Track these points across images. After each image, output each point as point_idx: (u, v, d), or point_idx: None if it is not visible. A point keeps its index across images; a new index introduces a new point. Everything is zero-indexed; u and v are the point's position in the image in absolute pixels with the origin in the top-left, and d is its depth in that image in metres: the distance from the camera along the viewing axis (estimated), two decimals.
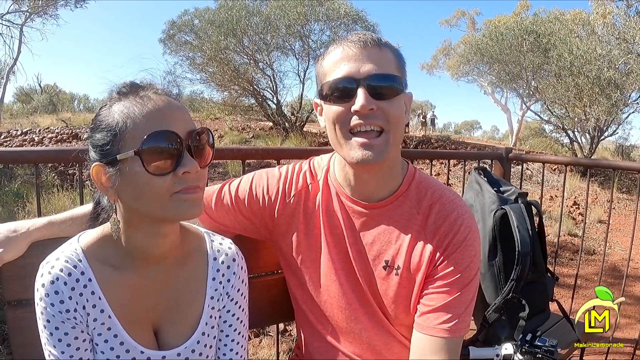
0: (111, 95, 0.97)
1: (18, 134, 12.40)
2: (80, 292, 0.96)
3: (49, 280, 0.94)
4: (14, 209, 5.83)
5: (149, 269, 1.03)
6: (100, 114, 0.96)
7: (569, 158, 5.47)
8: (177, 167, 0.91)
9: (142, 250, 1.01)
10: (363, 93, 1.06)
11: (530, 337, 1.86)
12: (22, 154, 1.63)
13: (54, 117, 18.55)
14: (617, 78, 12.00)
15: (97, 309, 0.98)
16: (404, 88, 1.13)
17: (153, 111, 0.91)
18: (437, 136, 18.28)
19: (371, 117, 1.08)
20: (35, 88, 30.20)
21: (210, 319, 1.11)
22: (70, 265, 0.96)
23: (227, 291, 1.14)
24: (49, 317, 0.95)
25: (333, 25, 14.21)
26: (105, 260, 1.00)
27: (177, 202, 0.92)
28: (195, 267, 1.11)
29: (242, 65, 14.52)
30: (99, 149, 0.94)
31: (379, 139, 1.09)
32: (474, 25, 33.39)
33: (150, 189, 0.91)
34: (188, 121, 0.96)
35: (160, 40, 15.41)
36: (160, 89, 0.97)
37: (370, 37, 1.11)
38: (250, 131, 14.72)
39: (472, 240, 1.18)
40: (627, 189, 11.37)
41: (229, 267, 1.14)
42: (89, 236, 1.03)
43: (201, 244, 1.14)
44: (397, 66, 1.13)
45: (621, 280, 2.96)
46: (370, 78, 1.07)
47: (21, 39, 21.72)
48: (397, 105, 1.10)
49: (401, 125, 1.12)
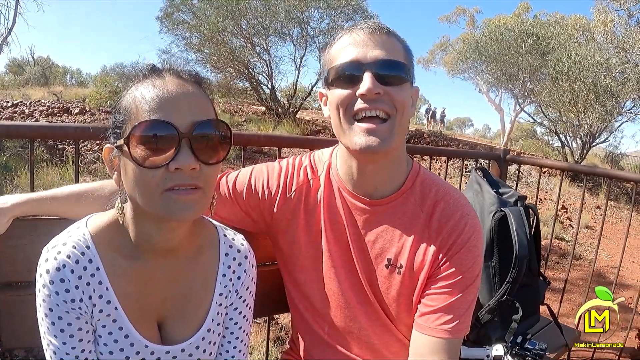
0: (133, 76, 0.91)
1: (8, 105, 12.20)
2: (87, 282, 0.90)
3: (55, 267, 0.87)
4: (2, 182, 5.75)
5: (158, 262, 0.97)
6: (121, 95, 0.91)
7: (566, 164, 5.52)
8: (170, 162, 0.83)
9: (149, 243, 0.94)
10: (370, 77, 1.04)
11: (521, 339, 1.86)
12: (17, 129, 1.58)
13: (45, 90, 18.27)
14: (613, 86, 12.09)
15: (104, 299, 0.92)
16: (410, 78, 1.11)
17: (156, 96, 0.85)
18: (430, 132, 18.29)
19: (377, 101, 1.05)
20: (28, 60, 29.71)
21: (217, 316, 1.07)
22: (78, 252, 0.89)
23: (236, 288, 1.10)
24: (52, 305, 0.88)
25: (333, 14, 14.15)
26: (114, 248, 0.94)
27: (167, 201, 0.84)
28: (205, 262, 1.06)
29: (238, 48, 14.39)
30: (111, 130, 0.91)
31: (383, 125, 1.06)
32: (473, 24, 33.44)
33: (140, 181, 0.85)
34: (199, 110, 0.88)
35: (157, 17, 15.23)
36: (180, 71, 0.91)
37: (379, 25, 1.10)
38: (243, 114, 14.65)
39: (476, 241, 1.17)
40: (615, 196, 11.52)
41: (241, 264, 1.10)
42: (98, 220, 0.96)
43: (214, 238, 1.09)
44: (405, 56, 1.11)
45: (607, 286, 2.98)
46: (377, 63, 1.05)
47: (17, 9, 21.27)
48: (403, 92, 1.08)
49: (407, 113, 1.10)
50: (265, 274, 1.51)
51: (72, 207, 1.15)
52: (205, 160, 0.86)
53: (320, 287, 1.28)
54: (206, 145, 0.87)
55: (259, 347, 3.01)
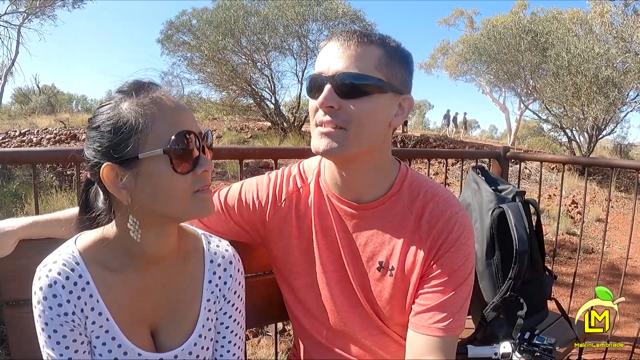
0: (117, 94, 0.94)
1: (16, 135, 12.37)
2: (78, 295, 0.95)
3: (47, 284, 0.93)
4: (13, 210, 5.82)
5: (149, 270, 1.02)
6: (103, 112, 0.92)
7: (567, 157, 5.49)
8: (197, 167, 0.93)
9: (147, 251, 0.99)
10: (327, 90, 1.06)
11: (529, 335, 1.86)
12: (21, 154, 1.63)
13: (52, 118, 18.50)
14: (615, 77, 12.00)
15: (95, 311, 0.98)
16: (385, 88, 1.09)
17: (171, 111, 0.92)
18: (436, 135, 18.25)
19: (332, 114, 1.07)
20: (33, 89, 30.08)
21: (207, 321, 1.11)
22: (68, 269, 0.95)
23: (223, 294, 1.13)
24: (47, 320, 0.94)
25: (331, 25, 14.20)
26: (103, 263, 0.99)
27: (197, 201, 0.94)
28: (192, 269, 1.10)
29: (240, 65, 14.52)
30: (110, 149, 0.90)
31: (338, 131, 1.07)
32: (472, 25, 33.37)
33: (173, 188, 0.91)
34: (195, 121, 0.97)
35: (158, 40, 15.43)
36: (166, 89, 0.97)
37: (356, 34, 1.09)
38: (249, 131, 14.71)
39: (466, 239, 1.18)
40: (625, 187, 11.38)
41: (226, 269, 1.13)
42: (86, 238, 1.01)
43: (198, 245, 1.13)
44: (379, 65, 1.08)
45: (620, 278, 2.96)
46: (337, 76, 1.06)
47: (19, 39, 21.73)
48: (364, 105, 1.07)
49: (370, 125, 1.09)
50: (269, 281, 1.53)
51: (75, 229, 1.19)
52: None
53: (314, 293, 1.30)
54: (209, 150, 1.00)
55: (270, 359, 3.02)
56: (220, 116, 16.15)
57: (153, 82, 0.97)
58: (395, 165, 1.25)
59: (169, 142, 0.89)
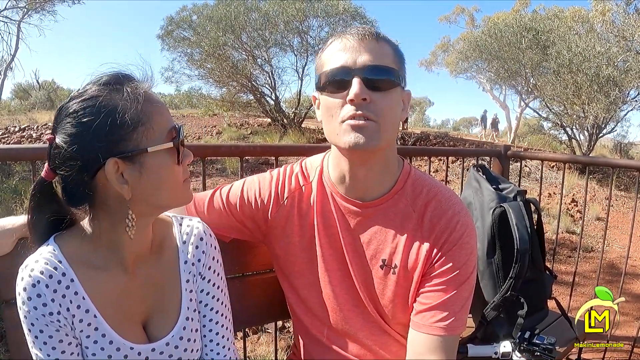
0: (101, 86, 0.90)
1: (16, 130, 12.36)
2: (62, 294, 0.95)
3: (30, 284, 0.92)
4: (12, 206, 5.81)
5: (132, 265, 1.03)
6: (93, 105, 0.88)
7: (568, 156, 5.48)
8: (185, 157, 1.00)
9: (132, 247, 1.00)
10: (358, 83, 1.05)
11: (529, 334, 1.86)
12: (18, 151, 1.62)
13: (52, 113, 18.37)
14: (616, 76, 11.98)
15: (82, 309, 0.97)
16: (400, 82, 1.12)
17: (160, 105, 0.96)
18: (436, 132, 18.22)
19: (364, 107, 1.07)
20: (33, 84, 30.03)
21: (191, 303, 1.11)
22: (51, 267, 0.94)
23: (199, 271, 1.13)
24: (33, 320, 0.94)
25: (331, 22, 14.18)
26: (86, 262, 0.99)
27: (185, 190, 1.02)
28: (167, 254, 1.11)
29: (240, 61, 14.48)
30: (112, 145, 0.88)
31: (370, 124, 1.07)
32: (473, 22, 33.35)
33: (173, 178, 0.97)
34: None
35: (158, 36, 15.38)
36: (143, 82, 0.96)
37: (368, 30, 1.11)
38: (249, 127, 14.70)
39: (469, 238, 1.17)
40: (625, 186, 11.39)
41: (198, 247, 1.13)
42: (65, 237, 1.00)
43: (169, 230, 1.14)
44: (394, 60, 1.11)
45: (619, 277, 2.96)
46: (366, 68, 1.06)
47: (19, 35, 21.62)
48: (390, 98, 1.09)
49: (393, 118, 1.11)
50: (268, 280, 1.53)
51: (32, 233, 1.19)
52: None
53: (316, 291, 1.30)
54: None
55: (270, 357, 3.02)
56: (220, 112, 16.14)
57: (131, 75, 0.96)
58: (399, 163, 1.26)
59: (173, 135, 0.96)
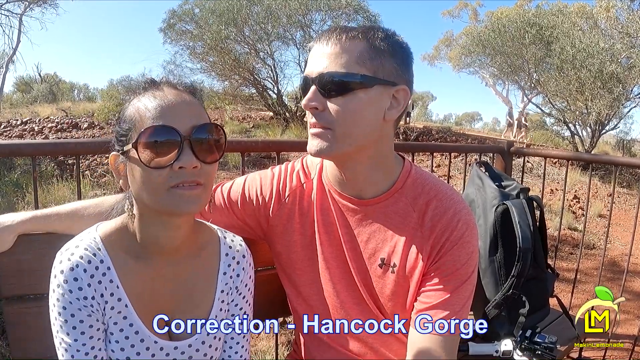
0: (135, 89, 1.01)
1: (18, 123, 12.35)
2: (99, 280, 0.98)
3: (69, 267, 0.95)
4: (14, 199, 5.82)
5: (163, 261, 1.05)
6: (124, 107, 1.01)
7: (571, 153, 5.47)
8: (174, 162, 0.93)
9: (155, 242, 1.03)
10: (312, 91, 1.07)
11: (530, 333, 1.86)
12: (19, 147, 1.62)
13: (54, 107, 18.44)
14: (620, 72, 11.91)
15: (115, 297, 1.00)
16: (368, 81, 1.06)
17: (158, 105, 0.94)
18: (438, 127, 18.16)
19: (317, 115, 1.08)
20: (35, 77, 29.97)
21: (220, 312, 1.14)
22: (90, 253, 0.97)
23: (236, 285, 1.17)
24: (66, 304, 0.95)
25: (334, 15, 14.10)
26: (123, 250, 1.02)
27: (173, 197, 0.94)
28: (207, 261, 1.14)
29: (242, 54, 14.42)
30: (117, 139, 0.99)
31: (323, 131, 1.08)
32: (476, 17, 33.12)
33: (148, 181, 0.94)
34: (195, 116, 0.97)
35: (160, 29, 15.32)
36: (176, 83, 1.01)
37: (336, 31, 1.08)
38: (251, 121, 14.68)
39: (470, 237, 1.17)
40: (628, 183, 11.37)
41: (239, 262, 1.17)
42: (106, 226, 1.05)
43: (214, 238, 1.17)
44: (361, 59, 1.06)
45: (621, 275, 2.96)
46: (319, 77, 1.07)
47: (20, 28, 21.59)
48: (348, 102, 1.06)
49: (357, 121, 1.08)
50: (270, 277, 1.53)
51: (74, 223, 1.20)
52: (204, 159, 0.96)
53: (317, 289, 1.30)
54: (204, 146, 0.97)
55: (270, 352, 3.03)
56: (222, 105, 16.08)
57: (166, 78, 1.02)
58: (398, 161, 1.24)
59: (137, 137, 0.93)
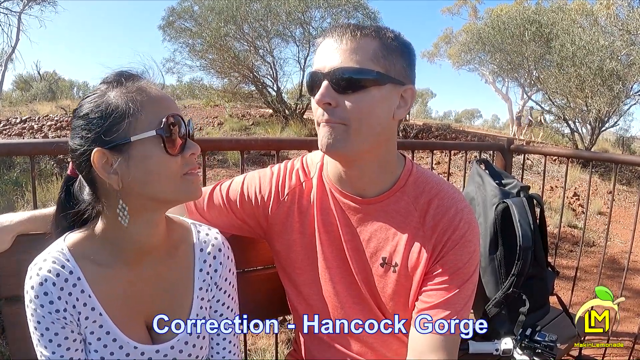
0: (102, 84, 0.96)
1: (17, 121, 12.32)
2: (69, 292, 0.97)
3: (38, 282, 0.95)
4: (13, 198, 5.82)
5: (140, 263, 1.04)
6: (91, 101, 0.94)
7: (571, 150, 5.46)
8: (185, 149, 0.97)
9: (136, 242, 1.01)
10: (324, 86, 1.05)
11: (530, 331, 1.86)
12: (18, 146, 1.61)
13: (53, 105, 18.47)
14: (620, 69, 11.91)
15: (88, 307, 0.99)
16: (381, 79, 1.06)
17: (157, 98, 0.95)
18: (438, 124, 18.15)
19: (330, 111, 1.06)
20: (34, 75, 29.98)
21: (201, 310, 1.12)
22: (58, 265, 0.96)
23: (215, 281, 1.15)
24: (39, 318, 0.96)
25: (334, 12, 14.08)
26: (93, 259, 1.00)
27: (187, 183, 0.98)
28: (182, 258, 1.11)
29: (242, 52, 14.40)
30: (100, 135, 0.91)
31: (340, 127, 1.06)
32: (476, 14, 33.11)
33: (164, 170, 0.94)
34: (179, 110, 1.00)
35: (159, 27, 15.30)
36: (150, 79, 1.00)
37: (350, 28, 1.07)
38: (250, 118, 14.67)
39: (472, 236, 1.16)
40: (627, 181, 11.36)
41: (215, 257, 1.14)
42: (74, 236, 1.03)
43: (187, 234, 1.14)
44: (376, 57, 1.06)
45: (621, 272, 2.96)
46: (333, 72, 1.05)
47: (19, 26, 21.58)
48: (362, 100, 1.05)
49: (370, 119, 1.07)
50: (269, 276, 1.53)
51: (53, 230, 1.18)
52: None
53: (317, 289, 1.29)
54: (193, 136, 1.03)
55: (270, 350, 3.03)
56: (221, 103, 16.08)
57: (136, 73, 0.99)
58: (400, 160, 1.24)
59: (160, 124, 0.93)
